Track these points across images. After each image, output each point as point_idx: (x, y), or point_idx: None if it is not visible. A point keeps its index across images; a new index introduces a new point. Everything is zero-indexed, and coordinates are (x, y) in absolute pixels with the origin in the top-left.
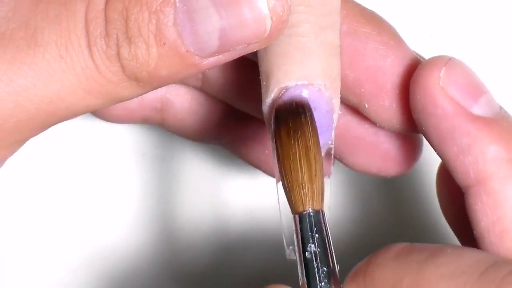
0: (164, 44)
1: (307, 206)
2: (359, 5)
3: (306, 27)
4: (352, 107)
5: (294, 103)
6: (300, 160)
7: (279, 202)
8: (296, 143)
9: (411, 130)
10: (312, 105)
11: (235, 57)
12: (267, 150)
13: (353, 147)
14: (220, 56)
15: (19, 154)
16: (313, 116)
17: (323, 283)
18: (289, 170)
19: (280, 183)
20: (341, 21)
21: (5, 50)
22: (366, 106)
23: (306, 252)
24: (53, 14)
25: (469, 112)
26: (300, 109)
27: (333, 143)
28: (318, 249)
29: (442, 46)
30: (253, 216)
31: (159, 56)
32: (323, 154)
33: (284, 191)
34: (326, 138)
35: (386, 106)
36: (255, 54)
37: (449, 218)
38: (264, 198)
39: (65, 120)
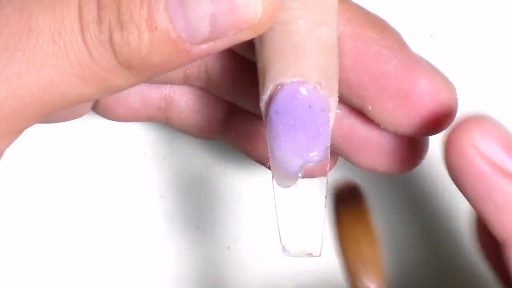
0: (155, 28)
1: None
2: (363, 9)
3: (300, 23)
4: (356, 109)
5: (354, 187)
6: (365, 241)
7: (275, 200)
8: (360, 225)
9: (415, 133)
10: (307, 103)
11: (228, 46)
12: None
13: (359, 148)
14: (212, 43)
15: (18, 152)
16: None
17: None
18: (352, 251)
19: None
20: (344, 24)
21: None
22: (370, 108)
23: None
24: None
25: (504, 170)
26: (360, 192)
27: (329, 142)
28: None
29: (442, 46)
30: (255, 214)
31: (151, 42)
32: None
33: (347, 270)
34: (323, 138)
35: (390, 109)
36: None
37: (493, 266)
38: (267, 196)
39: (60, 110)
